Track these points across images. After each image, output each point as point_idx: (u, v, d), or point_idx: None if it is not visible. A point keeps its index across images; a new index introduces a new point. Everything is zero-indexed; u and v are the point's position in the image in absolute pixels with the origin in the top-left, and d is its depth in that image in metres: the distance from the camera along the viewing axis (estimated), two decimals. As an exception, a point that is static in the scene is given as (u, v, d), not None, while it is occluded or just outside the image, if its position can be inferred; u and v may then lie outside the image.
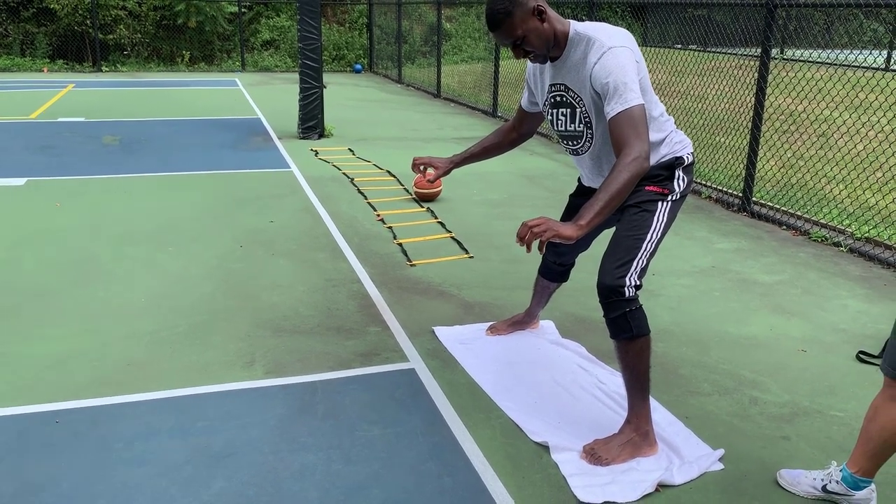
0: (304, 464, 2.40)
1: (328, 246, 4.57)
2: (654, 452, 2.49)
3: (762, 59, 5.35)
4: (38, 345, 3.19)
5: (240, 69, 16.82)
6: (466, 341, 3.29)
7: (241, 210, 5.33)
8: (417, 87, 13.78)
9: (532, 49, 2.41)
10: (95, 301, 3.66)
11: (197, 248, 4.49)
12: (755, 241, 4.91)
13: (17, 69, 15.40)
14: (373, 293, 3.82)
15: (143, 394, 2.81)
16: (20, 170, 6.48)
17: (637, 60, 2.34)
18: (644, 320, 2.42)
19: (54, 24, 16.02)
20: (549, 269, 3.16)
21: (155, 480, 2.30)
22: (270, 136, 8.43)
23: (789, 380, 3.03)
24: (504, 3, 2.34)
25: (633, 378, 2.46)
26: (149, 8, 16.52)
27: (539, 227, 2.12)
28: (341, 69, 17.72)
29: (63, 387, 2.84)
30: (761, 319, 3.63)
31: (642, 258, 2.42)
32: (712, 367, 3.13)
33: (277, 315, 3.54)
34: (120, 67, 16.18)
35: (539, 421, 2.67)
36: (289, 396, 2.81)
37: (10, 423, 2.59)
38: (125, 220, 5.03)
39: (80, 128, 8.78)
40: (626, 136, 2.21)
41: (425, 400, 2.80)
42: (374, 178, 6.40)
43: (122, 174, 6.45)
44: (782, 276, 4.23)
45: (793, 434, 2.65)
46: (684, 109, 7.62)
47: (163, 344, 3.23)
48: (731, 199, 5.81)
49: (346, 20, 19.05)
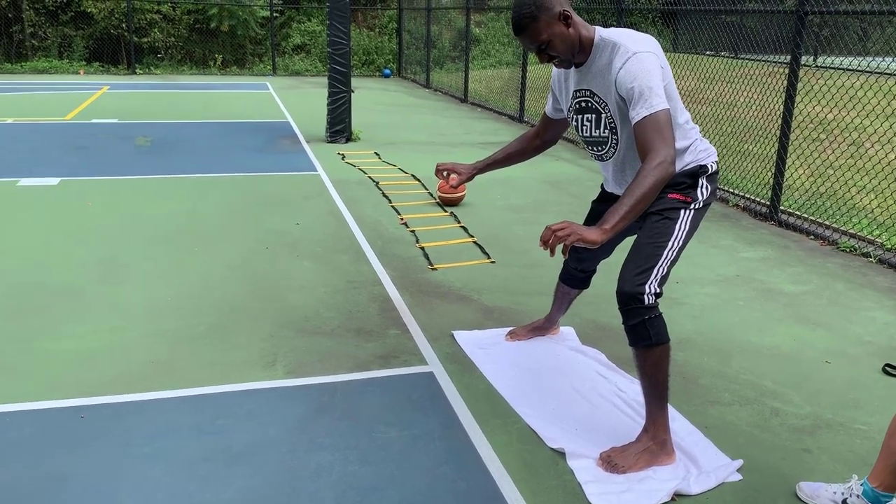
0: (320, 464, 2.42)
1: (351, 248, 4.60)
2: (672, 461, 2.48)
3: (791, 67, 5.29)
4: (65, 341, 3.25)
5: (271, 73, 17.01)
6: (485, 346, 3.30)
7: (267, 212, 5.39)
8: (445, 92, 13.82)
9: (557, 54, 2.42)
10: (122, 299, 3.73)
11: (223, 248, 4.55)
12: (782, 250, 4.85)
13: (54, 71, 15.72)
14: (394, 296, 3.84)
15: (166, 391, 2.85)
16: (55, 170, 6.62)
17: (662, 66, 2.33)
18: (663, 328, 2.41)
19: (91, 27, 16.35)
20: (570, 276, 3.15)
21: (174, 477, 2.33)
22: (299, 140, 8.51)
23: (812, 391, 2.99)
24: (529, 8, 2.35)
25: (651, 386, 2.45)
26: (183, 12, 16.78)
27: (563, 230, 2.12)
28: (370, 74, 17.83)
29: (88, 383, 2.89)
30: (785, 330, 3.58)
31: (663, 266, 2.41)
32: (733, 377, 3.10)
33: (300, 316, 3.58)
34: (153, 70, 16.45)
35: (556, 427, 2.67)
36: (308, 397, 2.84)
37: (38, 417, 2.65)
38: (154, 221, 5.11)
39: (113, 129, 8.94)
40: (651, 141, 2.21)
41: (443, 404, 2.81)
42: (399, 181, 6.43)
43: (153, 175, 6.55)
44: (808, 287, 4.18)
45: (814, 446, 2.61)
46: (713, 116, 7.56)
47: (186, 342, 3.28)
48: (759, 207, 5.74)
49: (376, 25, 19.18)
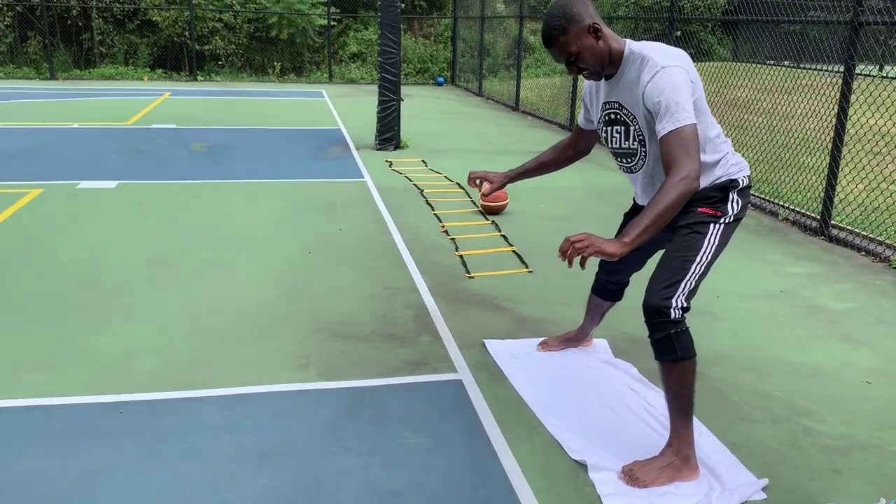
0: (344, 466, 2.47)
1: (391, 255, 4.67)
2: (695, 477, 2.45)
3: (845, 77, 5.16)
4: (109, 338, 3.39)
5: (327, 81, 17.30)
6: (516, 355, 3.31)
7: (312, 218, 5.50)
8: (497, 100, 13.85)
9: (586, 66, 2.44)
10: (167, 300, 3.86)
11: (267, 252, 4.67)
12: (830, 266, 4.73)
13: (120, 77, 16.29)
14: (429, 303, 3.88)
15: (202, 390, 2.95)
16: (113, 173, 6.87)
17: (692, 80, 2.32)
18: (690, 343, 2.39)
19: (156, 35, 16.89)
20: (602, 288, 3.15)
21: (203, 473, 2.41)
22: (349, 147, 8.65)
23: (848, 411, 2.92)
24: (559, 20, 2.37)
25: (675, 401, 2.43)
26: (243, 20, 17.21)
27: (581, 242, 2.13)
28: (424, 82, 17.98)
29: (128, 380, 3.01)
30: (826, 348, 3.50)
31: (691, 280, 2.39)
32: (767, 394, 3.05)
33: (335, 320, 3.65)
34: (214, 77, 16.90)
35: (580, 439, 2.66)
36: (337, 400, 2.90)
37: (78, 411, 2.77)
38: (203, 224, 5.27)
39: (171, 134, 9.24)
40: (676, 156, 2.20)
41: (469, 411, 2.84)
42: (443, 189, 6.48)
43: (206, 180, 6.75)
44: (855, 304, 4.06)
45: (845, 468, 2.55)
46: (768, 127, 7.41)
47: (225, 343, 3.37)
48: (809, 221, 5.61)
49: (431, 34, 19.33)
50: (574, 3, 2.37)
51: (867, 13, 5.07)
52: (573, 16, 2.36)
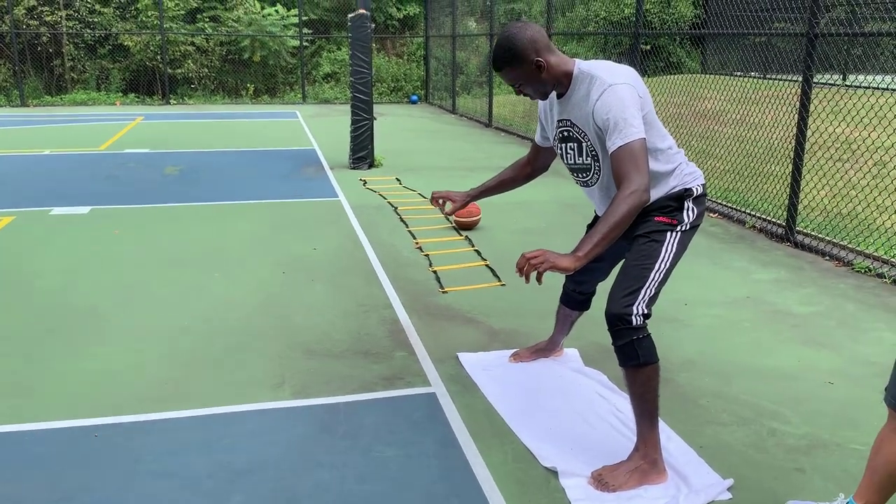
0: (319, 482, 2.50)
1: (365, 272, 4.72)
2: (663, 480, 2.51)
3: (803, 87, 5.31)
4: (84, 362, 3.40)
5: (301, 101, 17.36)
6: (489, 367, 3.36)
7: (287, 237, 5.54)
8: (470, 118, 13.99)
9: (528, 93, 2.57)
10: (141, 322, 3.87)
11: (242, 273, 4.70)
12: (795, 271, 4.84)
13: (92, 103, 16.25)
14: (403, 319, 3.93)
15: (176, 411, 2.97)
16: (86, 199, 6.86)
17: (640, 95, 2.41)
18: (652, 348, 2.46)
19: (128, 59, 16.88)
20: (569, 298, 3.22)
21: (178, 493, 2.44)
22: (323, 167, 8.70)
23: (811, 412, 3.00)
24: (504, 54, 2.49)
25: (641, 405, 2.50)
26: (216, 43, 17.25)
27: (536, 258, 2.21)
28: (398, 100, 18.10)
29: (104, 402, 3.02)
30: (790, 351, 3.59)
31: (650, 287, 2.47)
32: (733, 397, 3.12)
33: (310, 338, 3.68)
34: (187, 100, 16.90)
35: (551, 446, 2.72)
36: (312, 417, 2.93)
37: (54, 436, 2.78)
38: (177, 247, 5.29)
39: (144, 159, 9.23)
40: (625, 170, 2.29)
41: (442, 424, 2.89)
42: (417, 206, 6.55)
43: (180, 203, 6.76)
44: (818, 308, 4.17)
45: (808, 466, 2.63)
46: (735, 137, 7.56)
47: (199, 364, 3.40)
48: (775, 228, 5.74)
49: (404, 52, 19.49)
50: (519, 39, 2.45)
51: (822, 25, 5.23)
52: (517, 52, 2.46)
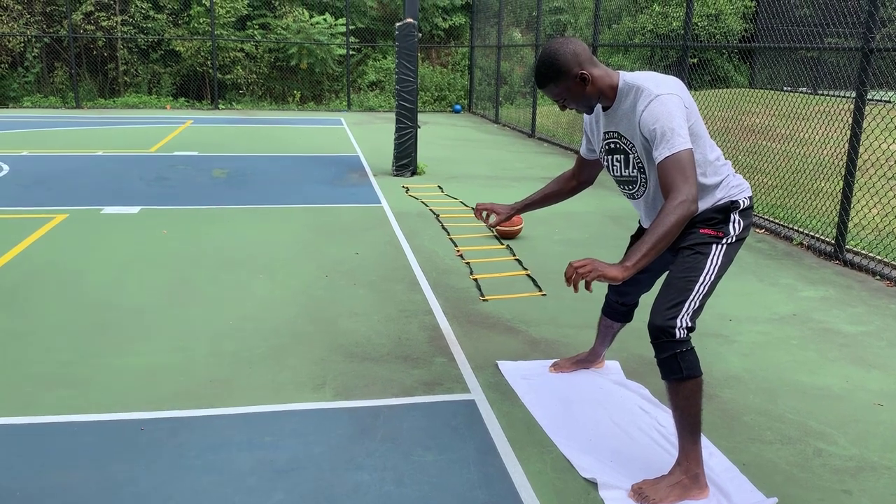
0: (358, 483, 2.52)
1: (406, 278, 4.74)
2: (704, 496, 2.48)
3: (857, 103, 5.21)
4: (131, 358, 3.48)
5: (346, 108, 17.55)
6: (528, 376, 3.36)
7: (330, 242, 5.60)
8: (513, 127, 13.99)
9: (574, 107, 2.56)
10: (187, 321, 3.95)
11: (285, 276, 4.76)
12: (844, 290, 4.74)
13: (144, 106, 16.64)
14: (443, 325, 3.94)
15: (220, 409, 3.02)
16: (136, 199, 7.03)
17: (686, 106, 2.40)
18: (695, 362, 2.43)
19: (178, 64, 17.27)
20: (612, 309, 3.20)
21: (221, 488, 2.48)
22: (367, 173, 8.78)
23: (859, 433, 2.93)
24: (548, 70, 2.48)
25: (683, 419, 2.47)
26: (264, 50, 17.55)
27: (584, 267, 2.20)
28: (442, 109, 18.18)
29: (150, 398, 3.09)
30: (838, 370, 3.52)
31: (695, 300, 2.44)
32: (778, 415, 3.07)
33: (351, 341, 3.72)
34: (235, 105, 17.21)
35: (591, 458, 2.70)
36: (352, 419, 2.96)
37: (101, 428, 2.85)
38: (223, 248, 5.38)
39: (193, 161, 9.42)
40: (673, 180, 2.27)
41: (481, 430, 2.89)
42: (458, 214, 6.57)
43: (227, 205, 6.88)
44: (868, 328, 4.08)
45: (855, 489, 2.57)
46: (784, 153, 7.44)
47: (243, 363, 3.45)
48: (824, 246, 5.62)
49: (448, 62, 19.59)
50: (562, 53, 2.45)
51: (878, 40, 5.13)
52: (560, 67, 2.46)
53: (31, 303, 4.18)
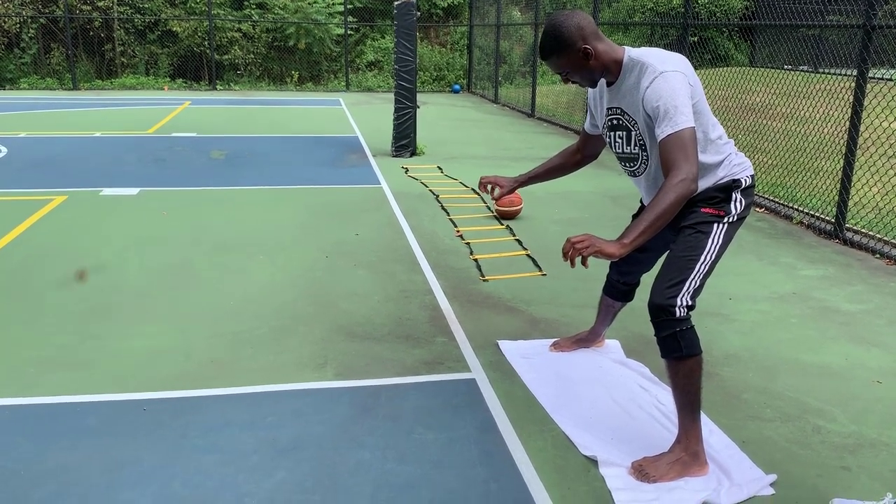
0: (360, 461, 2.54)
1: (407, 259, 4.75)
2: (704, 473, 2.50)
3: (858, 82, 5.18)
4: (133, 340, 3.49)
5: (344, 89, 17.46)
6: (529, 356, 3.37)
7: (329, 223, 5.60)
8: (513, 107, 13.93)
9: (577, 81, 2.54)
10: (188, 303, 3.95)
11: (285, 257, 4.76)
12: (843, 268, 4.74)
13: (141, 87, 16.55)
14: (444, 305, 3.95)
15: (223, 389, 3.03)
16: (135, 180, 7.02)
17: (691, 84, 2.38)
18: (695, 340, 2.44)
19: (176, 45, 17.15)
20: (613, 288, 3.20)
21: (224, 467, 2.49)
22: (366, 154, 8.75)
23: (858, 410, 2.95)
24: (551, 42, 2.46)
25: (683, 397, 2.48)
26: (262, 30, 17.43)
27: (581, 243, 2.20)
28: (441, 89, 18.09)
29: (152, 379, 3.10)
30: (837, 348, 3.53)
31: (695, 279, 2.44)
32: (778, 393, 3.08)
33: (352, 322, 3.73)
34: (233, 86, 17.11)
35: (591, 435, 2.72)
36: (354, 398, 2.97)
37: (104, 408, 2.86)
38: (223, 230, 5.38)
39: (191, 142, 9.39)
40: (674, 158, 2.26)
41: (482, 409, 2.90)
42: (458, 195, 6.56)
43: (225, 186, 6.87)
44: (868, 306, 4.08)
45: (854, 465, 2.58)
46: (784, 132, 7.41)
47: (244, 344, 3.46)
48: (824, 224, 5.62)
49: (447, 41, 19.46)
50: (566, 26, 2.43)
51: (879, 17, 5.09)
52: (564, 40, 2.44)
53: (30, 285, 4.19)
